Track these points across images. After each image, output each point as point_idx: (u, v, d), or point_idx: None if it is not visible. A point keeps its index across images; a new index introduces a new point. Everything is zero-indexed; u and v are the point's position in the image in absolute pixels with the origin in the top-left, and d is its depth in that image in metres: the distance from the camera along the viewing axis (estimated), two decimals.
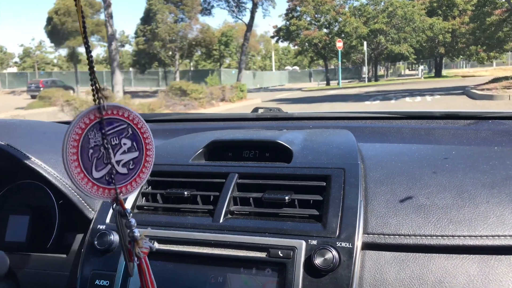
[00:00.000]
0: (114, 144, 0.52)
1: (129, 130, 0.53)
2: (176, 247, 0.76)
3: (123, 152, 0.53)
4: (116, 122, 0.52)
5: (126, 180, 0.53)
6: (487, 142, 1.10)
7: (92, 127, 0.50)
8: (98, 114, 0.50)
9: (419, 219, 0.72)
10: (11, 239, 0.93)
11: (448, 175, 0.79)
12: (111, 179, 0.51)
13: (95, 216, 0.85)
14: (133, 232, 0.51)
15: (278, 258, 0.71)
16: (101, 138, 0.50)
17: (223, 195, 0.82)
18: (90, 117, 0.49)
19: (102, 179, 0.51)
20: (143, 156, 0.55)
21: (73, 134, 0.48)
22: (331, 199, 0.76)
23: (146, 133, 0.54)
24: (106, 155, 0.51)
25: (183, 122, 1.61)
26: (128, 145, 0.54)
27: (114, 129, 0.52)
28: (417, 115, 1.39)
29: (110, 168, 0.51)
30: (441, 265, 0.68)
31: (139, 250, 0.51)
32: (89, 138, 0.50)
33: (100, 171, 0.51)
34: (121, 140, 0.53)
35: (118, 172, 0.52)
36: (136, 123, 0.53)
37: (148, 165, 0.56)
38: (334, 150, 0.90)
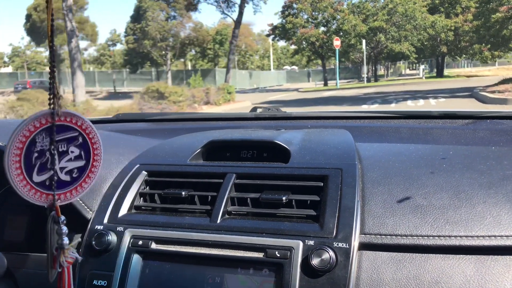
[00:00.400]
0: (61, 151, 0.52)
1: (79, 138, 0.54)
2: (174, 247, 0.77)
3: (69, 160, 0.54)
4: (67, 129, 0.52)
5: (67, 188, 0.54)
6: (485, 141, 1.11)
7: (41, 131, 0.50)
8: (50, 119, 0.50)
9: (416, 219, 0.73)
10: (9, 239, 0.94)
11: (445, 175, 0.81)
12: (51, 184, 0.52)
13: (93, 216, 0.85)
14: (62, 240, 0.52)
15: (275, 258, 0.72)
16: (49, 143, 0.51)
17: (221, 195, 0.83)
18: (42, 121, 0.50)
19: (42, 184, 0.52)
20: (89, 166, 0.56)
21: (20, 136, 0.49)
22: (328, 200, 0.78)
23: (96, 144, 0.55)
24: (51, 161, 0.51)
25: (181, 121, 1.60)
26: (76, 153, 0.54)
27: (64, 136, 0.52)
28: (415, 115, 1.39)
29: (52, 174, 0.52)
30: (438, 265, 0.69)
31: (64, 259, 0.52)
32: (36, 142, 0.50)
33: (41, 176, 0.52)
34: (69, 147, 0.53)
35: (60, 179, 0.53)
36: (88, 132, 0.54)
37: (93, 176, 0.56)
38: (331, 150, 0.91)
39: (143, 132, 1.52)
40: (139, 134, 1.41)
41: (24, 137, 0.49)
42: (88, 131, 0.54)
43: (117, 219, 0.84)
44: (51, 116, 0.50)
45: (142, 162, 0.96)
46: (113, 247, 0.80)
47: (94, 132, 0.54)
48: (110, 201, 0.87)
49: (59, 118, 0.51)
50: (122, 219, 0.84)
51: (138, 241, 0.78)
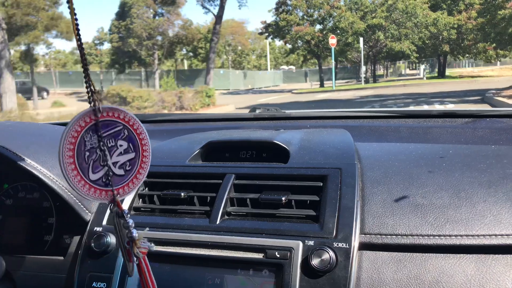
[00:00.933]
0: (110, 146, 0.54)
1: (125, 131, 0.55)
2: (173, 248, 0.79)
3: (120, 154, 0.55)
4: (111, 124, 0.54)
5: (123, 182, 0.55)
6: (484, 140, 1.13)
7: (87, 130, 0.52)
8: (94, 116, 0.52)
9: (416, 218, 0.74)
10: (8, 241, 0.95)
11: (445, 174, 0.82)
12: (108, 180, 0.53)
13: (92, 218, 0.87)
14: (131, 232, 0.53)
15: (275, 259, 0.73)
16: (97, 140, 0.52)
17: (220, 196, 0.84)
18: (86, 120, 0.51)
19: (99, 181, 0.53)
20: (140, 157, 0.57)
21: (69, 137, 0.50)
22: (328, 200, 0.79)
23: (142, 134, 0.56)
24: (103, 157, 0.53)
25: (180, 122, 1.62)
26: (124, 146, 0.55)
27: (110, 131, 0.53)
28: (415, 114, 1.42)
29: (107, 170, 0.53)
30: (438, 264, 0.70)
31: (138, 250, 0.54)
32: (85, 141, 0.52)
33: (97, 173, 0.53)
34: (117, 141, 0.54)
35: (115, 173, 0.54)
36: (131, 124, 0.55)
37: (145, 166, 0.57)
38: (331, 150, 0.93)
39: None
40: None
41: (73, 138, 0.51)
42: (132, 122, 0.55)
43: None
44: (93, 113, 0.51)
45: None
46: (112, 249, 0.81)
47: (138, 123, 0.55)
48: None
49: (101, 114, 0.52)
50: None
51: None
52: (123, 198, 0.55)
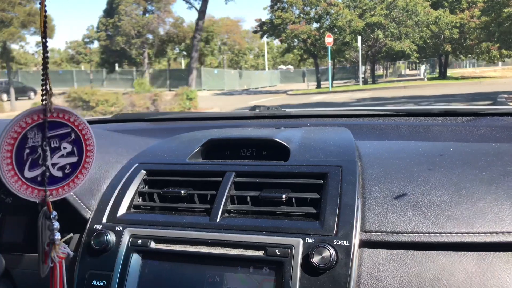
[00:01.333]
0: (54, 147, 0.54)
1: (72, 135, 0.55)
2: (173, 246, 0.80)
3: (61, 156, 0.55)
4: (60, 125, 0.54)
5: (59, 183, 0.56)
6: (485, 138, 1.14)
7: (33, 127, 0.52)
8: (43, 115, 0.52)
9: (416, 216, 0.75)
10: (8, 240, 0.96)
11: (446, 172, 0.83)
12: (43, 180, 0.54)
13: (92, 216, 0.88)
14: (54, 235, 0.54)
15: (275, 256, 0.74)
16: (41, 139, 0.52)
17: (220, 193, 0.85)
18: (34, 117, 0.51)
19: (33, 180, 0.53)
20: (82, 162, 0.57)
21: (11, 132, 0.50)
22: (328, 197, 0.80)
23: (89, 140, 0.56)
24: (43, 157, 0.53)
25: (180, 121, 1.63)
26: (68, 149, 0.56)
27: (56, 132, 0.54)
28: (415, 112, 1.44)
29: (44, 170, 0.53)
30: (439, 262, 0.71)
31: (55, 254, 0.54)
32: (28, 138, 0.52)
33: (33, 171, 0.53)
34: (62, 144, 0.55)
35: (52, 174, 0.54)
36: (80, 128, 0.56)
37: (85, 172, 0.57)
38: (331, 148, 0.94)
39: (142, 131, 1.51)
40: (138, 134, 1.39)
41: (15, 133, 0.50)
42: (81, 127, 0.55)
43: (116, 218, 0.85)
44: (43, 112, 0.51)
45: (141, 161, 0.97)
46: (112, 247, 0.81)
47: (87, 128, 0.56)
48: (109, 200, 0.89)
49: (51, 114, 0.52)
50: (121, 218, 0.85)
51: (137, 240, 0.80)
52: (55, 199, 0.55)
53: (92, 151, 0.57)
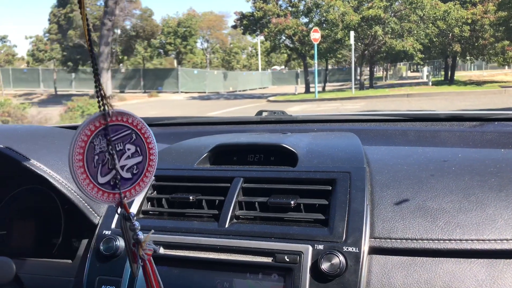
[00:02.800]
0: (119, 150, 0.57)
1: (133, 135, 0.59)
2: (182, 252, 0.82)
3: (127, 157, 0.58)
4: (120, 128, 0.57)
5: (130, 185, 0.59)
6: (493, 144, 1.15)
7: (97, 134, 0.55)
8: (103, 120, 0.55)
9: (426, 223, 0.77)
10: (17, 244, 1.00)
11: (455, 178, 0.85)
12: (115, 183, 0.57)
13: (101, 221, 0.91)
14: (137, 235, 0.56)
15: (284, 263, 0.76)
16: (106, 144, 0.56)
17: (228, 199, 0.88)
18: (96, 124, 0.55)
19: (107, 184, 0.57)
20: (147, 161, 0.60)
21: (79, 141, 0.54)
22: (337, 203, 0.82)
23: (149, 138, 0.60)
24: (111, 161, 0.57)
25: (186, 125, 1.66)
26: (132, 150, 0.59)
27: (118, 135, 0.57)
28: (422, 117, 1.45)
29: (115, 174, 0.57)
30: (449, 269, 0.73)
31: (143, 252, 0.57)
32: (94, 145, 0.55)
33: (105, 177, 0.56)
34: (125, 145, 0.58)
35: (123, 177, 0.58)
36: (139, 128, 0.59)
37: (151, 169, 0.61)
38: (339, 154, 0.96)
39: None
40: None
41: (83, 142, 0.54)
42: (140, 127, 0.58)
43: None
44: (103, 118, 0.54)
45: None
46: (121, 252, 0.84)
47: (145, 128, 0.59)
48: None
49: (111, 118, 0.55)
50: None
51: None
52: (130, 201, 0.59)
53: (154, 148, 0.60)
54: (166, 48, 29.22)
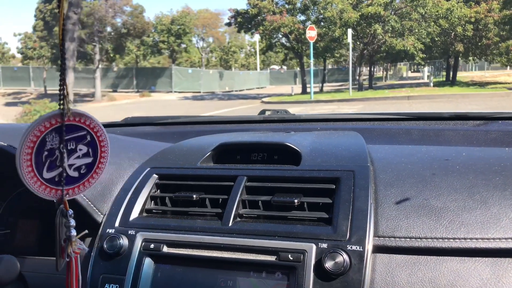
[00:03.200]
0: (70, 149, 0.59)
1: (87, 137, 0.60)
2: (185, 250, 0.83)
3: (77, 157, 0.60)
4: (76, 128, 0.58)
5: (75, 183, 0.60)
6: (498, 142, 1.16)
7: (51, 131, 0.57)
8: (60, 119, 0.56)
9: (430, 221, 0.77)
10: (21, 243, 1.01)
11: (459, 177, 0.85)
12: (60, 180, 0.58)
13: (104, 220, 0.92)
14: (70, 232, 0.59)
15: (288, 261, 0.76)
16: (58, 142, 0.57)
17: (232, 198, 0.88)
18: (52, 122, 0.56)
19: (51, 180, 0.58)
20: (96, 163, 0.62)
21: (31, 136, 0.55)
22: (341, 202, 0.83)
23: (104, 142, 0.62)
24: (60, 159, 0.58)
25: (189, 124, 1.67)
26: (84, 151, 0.60)
27: (73, 135, 0.58)
28: (426, 116, 1.45)
29: (61, 171, 0.58)
30: (453, 268, 0.73)
31: (72, 250, 0.59)
32: (46, 141, 0.56)
33: (51, 172, 0.58)
34: (78, 146, 0.59)
35: (69, 175, 0.59)
36: (96, 131, 0.60)
37: (99, 171, 0.63)
38: (343, 152, 0.97)
39: (152, 135, 1.52)
40: (148, 137, 1.41)
41: (35, 137, 0.54)
42: (96, 129, 0.59)
43: (128, 222, 0.89)
44: (60, 117, 0.55)
45: (153, 166, 1.01)
46: (124, 251, 0.85)
47: (102, 131, 0.60)
48: (121, 204, 0.92)
49: (68, 118, 0.56)
50: (133, 222, 0.89)
51: (150, 244, 0.84)
52: (71, 198, 0.61)
53: (106, 152, 0.61)
54: (159, 46, 28.32)
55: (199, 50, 35.00)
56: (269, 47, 24.61)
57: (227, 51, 38.98)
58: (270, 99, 19.85)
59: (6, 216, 1.05)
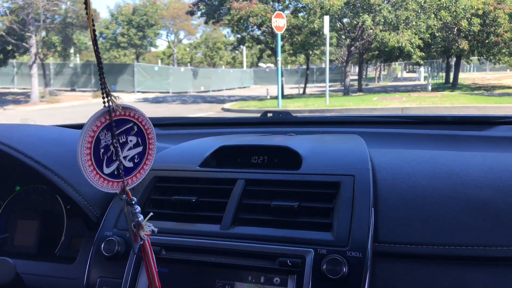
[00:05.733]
0: (122, 142, 0.63)
1: (134, 128, 0.64)
2: (184, 254, 0.85)
3: (130, 148, 0.64)
4: (123, 121, 0.63)
5: (132, 173, 0.65)
6: (502, 147, 1.16)
7: (103, 129, 0.61)
8: (108, 116, 0.60)
9: (431, 228, 0.79)
10: (20, 244, 1.02)
11: (461, 182, 0.86)
12: (119, 173, 0.62)
13: (103, 222, 0.94)
14: (138, 217, 0.63)
15: (287, 267, 0.78)
16: (111, 138, 0.61)
17: (231, 202, 0.89)
18: (101, 120, 0.60)
19: (111, 174, 0.62)
20: (147, 150, 0.66)
21: (87, 137, 0.59)
22: (341, 207, 0.84)
23: (149, 129, 0.66)
24: (115, 153, 0.62)
25: (189, 126, 1.65)
26: (134, 141, 0.64)
27: (122, 128, 0.63)
28: (428, 120, 1.44)
29: (119, 164, 0.62)
30: (454, 275, 0.75)
31: (143, 233, 0.63)
32: (100, 139, 0.61)
33: (110, 167, 0.61)
34: (128, 137, 0.64)
35: (125, 166, 0.63)
36: (141, 121, 0.64)
37: (151, 158, 0.67)
38: (344, 156, 0.97)
39: None
40: None
41: (90, 137, 0.58)
42: (141, 119, 0.63)
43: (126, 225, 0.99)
44: (109, 113, 0.59)
45: (152, 168, 1.06)
46: (122, 254, 0.86)
47: (146, 120, 0.64)
48: (120, 207, 0.96)
49: (115, 114, 0.60)
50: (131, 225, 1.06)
51: None
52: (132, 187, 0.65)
53: (153, 138, 0.66)
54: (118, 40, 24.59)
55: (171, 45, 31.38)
56: (240, 41, 21.24)
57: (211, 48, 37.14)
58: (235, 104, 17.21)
59: (5, 217, 1.07)
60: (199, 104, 18.97)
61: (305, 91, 21.60)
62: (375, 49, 20.61)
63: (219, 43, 39.08)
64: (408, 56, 20.28)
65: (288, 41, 18.53)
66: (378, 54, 23.38)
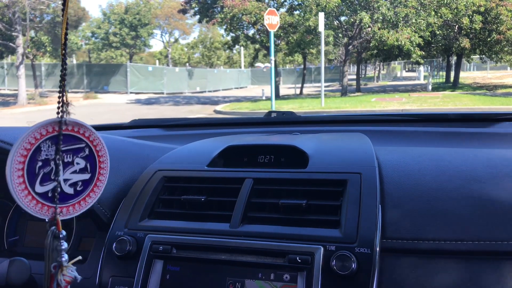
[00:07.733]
0: (66, 162, 0.55)
1: (86, 150, 0.56)
2: (194, 253, 0.87)
3: (74, 172, 0.56)
4: (74, 139, 0.55)
5: (70, 201, 0.56)
6: (506, 143, 1.17)
7: (47, 139, 0.53)
8: (58, 127, 0.53)
9: (437, 223, 0.81)
10: (31, 245, 1.04)
11: (466, 178, 0.88)
12: (54, 196, 0.54)
13: (114, 222, 0.96)
14: (62, 257, 0.53)
15: (296, 263, 0.80)
16: (54, 153, 0.53)
17: (239, 200, 0.91)
18: (48, 129, 0.52)
19: (44, 195, 0.53)
20: (94, 180, 0.58)
21: (25, 143, 0.51)
22: (349, 204, 0.86)
23: (103, 157, 0.58)
24: (55, 171, 0.54)
25: (195, 127, 1.65)
26: (81, 165, 0.56)
27: (70, 146, 0.55)
28: (432, 118, 1.45)
29: (55, 186, 0.54)
30: (461, 270, 0.76)
31: (62, 277, 0.53)
32: (41, 150, 0.52)
33: (44, 186, 0.53)
34: (75, 159, 0.55)
35: (63, 191, 0.55)
36: (95, 144, 0.57)
37: (98, 190, 0.59)
38: (350, 155, 0.99)
39: (159, 138, 1.53)
40: (156, 140, 1.42)
41: (29, 144, 0.50)
42: (96, 143, 0.56)
43: (137, 225, 0.93)
44: (58, 125, 0.51)
45: (161, 168, 1.03)
46: (133, 253, 0.88)
47: (101, 145, 0.57)
48: (130, 207, 0.95)
49: (66, 127, 0.52)
50: (142, 225, 0.93)
51: (159, 247, 0.87)
52: (64, 218, 0.55)
53: (105, 168, 0.56)
54: (110, 39, 23.94)
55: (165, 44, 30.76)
56: (234, 40, 20.83)
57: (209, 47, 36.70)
58: (228, 105, 16.91)
59: (16, 218, 1.08)
60: (192, 105, 18.73)
61: (302, 91, 21.04)
62: (373, 48, 20.74)
63: (216, 42, 39.15)
64: (408, 55, 19.88)
65: (284, 40, 17.98)
66: (377, 53, 23.51)
